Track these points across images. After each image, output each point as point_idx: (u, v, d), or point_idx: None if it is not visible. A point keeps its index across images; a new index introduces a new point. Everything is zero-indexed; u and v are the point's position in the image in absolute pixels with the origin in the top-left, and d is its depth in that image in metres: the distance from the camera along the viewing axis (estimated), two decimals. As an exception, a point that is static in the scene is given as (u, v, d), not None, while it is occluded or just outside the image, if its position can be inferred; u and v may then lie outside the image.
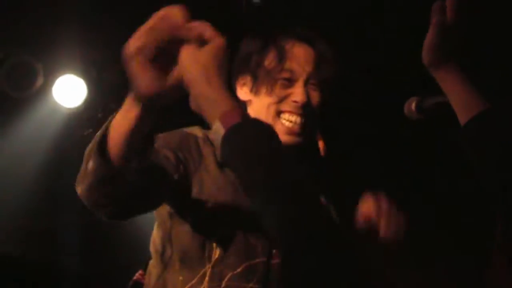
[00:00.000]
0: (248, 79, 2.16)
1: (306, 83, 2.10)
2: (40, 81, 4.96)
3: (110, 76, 5.22)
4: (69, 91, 5.04)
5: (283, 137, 2.00)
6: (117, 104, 5.17)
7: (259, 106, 2.13)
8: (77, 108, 5.17)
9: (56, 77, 5.00)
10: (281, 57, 2.09)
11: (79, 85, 5.03)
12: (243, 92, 2.19)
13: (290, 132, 2.08)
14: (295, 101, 2.08)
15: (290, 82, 2.09)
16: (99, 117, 5.41)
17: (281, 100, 2.09)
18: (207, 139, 2.05)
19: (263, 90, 2.11)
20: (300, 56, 2.10)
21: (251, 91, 2.15)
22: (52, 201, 5.88)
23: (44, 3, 4.92)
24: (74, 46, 4.98)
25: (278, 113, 2.10)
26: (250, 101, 2.17)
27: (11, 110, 5.16)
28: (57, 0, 4.89)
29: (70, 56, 5.02)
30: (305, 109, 2.09)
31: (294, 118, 2.09)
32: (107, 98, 5.33)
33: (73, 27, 4.92)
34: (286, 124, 2.09)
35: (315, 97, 2.11)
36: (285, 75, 2.08)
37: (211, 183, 1.99)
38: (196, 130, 2.08)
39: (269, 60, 2.12)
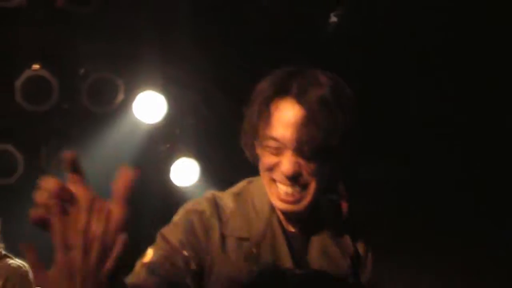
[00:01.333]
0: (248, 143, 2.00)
1: (296, 151, 1.85)
2: (120, 97, 5.05)
3: (189, 92, 5.29)
4: (149, 107, 5.11)
5: (279, 204, 1.91)
6: (195, 120, 5.24)
7: (260, 169, 1.97)
8: (157, 124, 5.24)
9: (137, 93, 5.09)
10: (267, 124, 1.88)
11: (159, 101, 5.10)
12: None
13: (284, 201, 1.91)
14: (282, 172, 1.87)
15: (278, 150, 1.87)
16: (177, 133, 5.49)
17: (271, 169, 1.90)
18: (214, 212, 1.96)
19: (258, 156, 1.95)
20: (286, 120, 1.85)
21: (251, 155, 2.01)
22: (128, 216, 5.96)
23: (125, 22, 5.04)
24: (155, 63, 5.06)
25: (273, 180, 1.92)
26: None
27: (92, 125, 5.28)
28: (138, 18, 5.00)
29: (151, 72, 5.10)
30: (295, 179, 1.88)
31: (285, 188, 1.89)
32: (186, 114, 5.41)
33: (153, 44, 5.01)
34: (280, 192, 1.91)
35: (307, 166, 1.87)
36: (272, 144, 1.87)
37: (223, 264, 1.90)
38: (204, 204, 1.99)
39: (260, 126, 1.91)
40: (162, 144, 5.58)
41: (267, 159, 1.90)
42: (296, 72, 1.91)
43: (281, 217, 1.97)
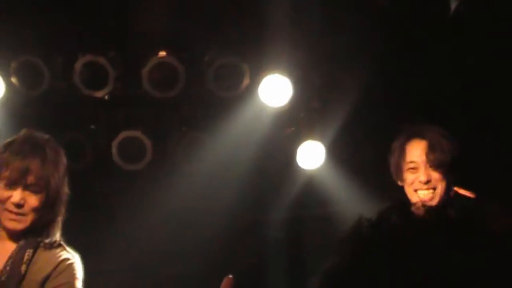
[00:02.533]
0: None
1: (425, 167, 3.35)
2: (246, 81, 5.06)
3: (314, 75, 5.23)
4: (274, 90, 5.08)
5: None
6: (320, 103, 5.14)
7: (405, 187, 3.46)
8: (282, 107, 5.22)
9: (262, 77, 5.07)
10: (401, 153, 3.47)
11: (284, 84, 5.06)
12: None
13: (422, 201, 3.29)
14: (420, 181, 3.34)
15: (414, 169, 3.39)
16: (302, 116, 5.44)
17: (412, 183, 3.38)
18: None
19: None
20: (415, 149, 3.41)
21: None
22: (256, 199, 6.01)
23: (249, 6, 5.03)
24: (279, 47, 5.03)
25: (415, 190, 3.36)
26: None
27: (218, 110, 5.33)
28: (261, 2, 4.98)
29: (276, 56, 5.08)
30: (428, 184, 3.34)
31: (423, 193, 3.34)
32: (311, 97, 5.35)
33: (278, 28, 4.98)
34: (421, 196, 3.34)
35: (433, 174, 3.35)
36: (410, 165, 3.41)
37: None
38: None
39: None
40: (287, 127, 5.55)
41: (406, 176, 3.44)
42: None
43: None
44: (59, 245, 2.71)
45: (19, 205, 2.61)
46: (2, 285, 2.51)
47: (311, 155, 5.32)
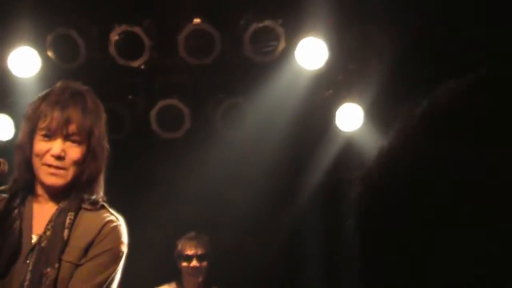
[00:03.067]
0: None
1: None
2: (282, 45, 5.01)
3: (350, 37, 5.16)
4: (311, 53, 5.04)
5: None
6: (357, 65, 5.10)
7: None
8: (319, 70, 5.17)
9: (298, 40, 5.03)
10: None
11: (320, 47, 5.02)
12: None
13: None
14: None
15: None
16: (339, 79, 5.39)
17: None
18: None
19: None
20: None
21: None
22: (295, 163, 6.00)
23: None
24: (315, 9, 4.97)
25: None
26: None
27: (255, 75, 5.30)
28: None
29: (311, 19, 5.02)
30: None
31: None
32: (347, 60, 5.29)
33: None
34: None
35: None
36: None
37: None
38: None
39: None
40: (325, 90, 5.51)
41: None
42: None
43: None
44: (102, 207, 2.46)
45: (59, 157, 2.36)
46: (43, 251, 2.27)
47: (350, 117, 5.29)
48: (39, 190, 2.43)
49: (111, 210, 2.48)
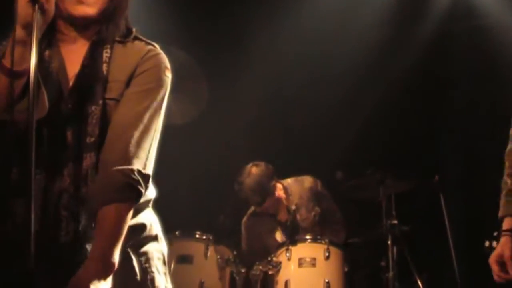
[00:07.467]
0: None
1: None
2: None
3: None
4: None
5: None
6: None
7: None
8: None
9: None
10: None
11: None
12: None
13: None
14: None
15: None
16: None
17: None
18: None
19: None
20: None
21: None
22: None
23: None
24: None
25: None
26: None
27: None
28: None
29: None
30: None
31: None
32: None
33: None
34: None
35: None
36: None
37: None
38: None
39: None
40: None
41: None
42: None
43: None
44: (136, 38, 2.20)
45: None
46: (84, 89, 2.10)
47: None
48: (64, 30, 2.18)
49: (147, 40, 2.23)
